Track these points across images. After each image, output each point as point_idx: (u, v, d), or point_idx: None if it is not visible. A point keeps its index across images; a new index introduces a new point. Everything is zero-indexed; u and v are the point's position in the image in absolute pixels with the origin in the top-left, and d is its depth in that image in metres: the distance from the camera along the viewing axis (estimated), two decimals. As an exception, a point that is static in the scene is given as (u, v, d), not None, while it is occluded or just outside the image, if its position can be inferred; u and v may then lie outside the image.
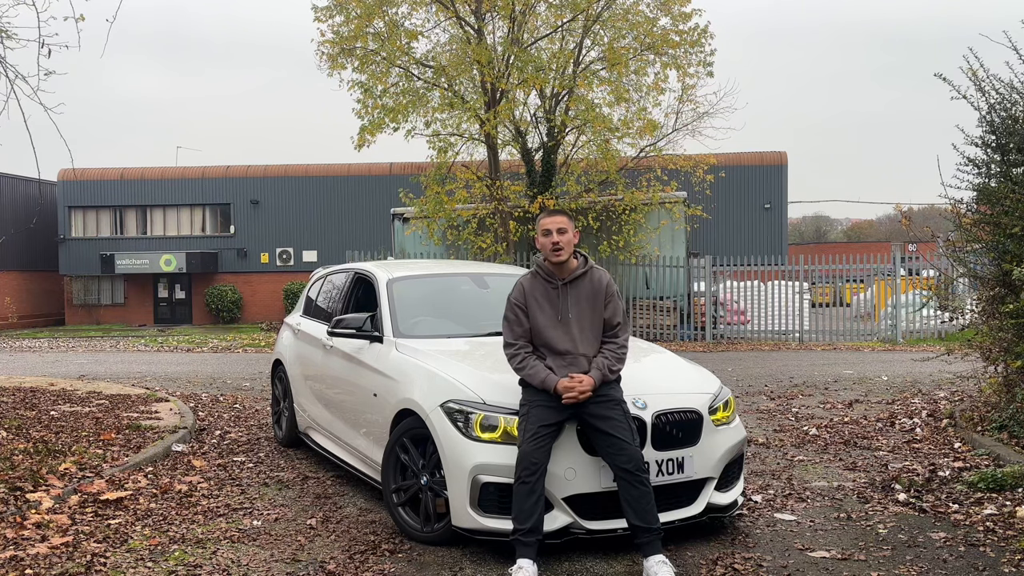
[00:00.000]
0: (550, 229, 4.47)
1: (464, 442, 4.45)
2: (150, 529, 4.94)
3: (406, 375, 5.07)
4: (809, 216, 74.51)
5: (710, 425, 4.75)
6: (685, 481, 4.60)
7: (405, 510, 4.87)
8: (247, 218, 35.53)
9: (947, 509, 5.19)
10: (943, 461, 6.43)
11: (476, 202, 20.03)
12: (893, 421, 8.15)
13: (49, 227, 35.92)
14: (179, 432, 7.47)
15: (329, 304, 6.98)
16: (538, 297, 4.52)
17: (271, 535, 4.89)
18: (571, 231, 4.50)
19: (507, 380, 4.62)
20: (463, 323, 5.85)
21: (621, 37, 18.75)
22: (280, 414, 7.52)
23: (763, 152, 34.05)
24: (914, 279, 20.04)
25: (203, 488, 5.87)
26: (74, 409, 8.73)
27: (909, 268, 20.69)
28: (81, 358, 17.34)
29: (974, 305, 7.83)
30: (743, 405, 9.34)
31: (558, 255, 4.47)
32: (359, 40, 18.16)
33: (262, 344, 20.55)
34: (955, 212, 7.32)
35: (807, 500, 5.51)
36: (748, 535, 4.80)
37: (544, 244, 4.50)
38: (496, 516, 4.41)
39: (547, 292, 4.52)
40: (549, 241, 4.47)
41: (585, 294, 4.52)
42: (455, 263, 10.34)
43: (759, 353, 16.35)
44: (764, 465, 6.50)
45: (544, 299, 4.51)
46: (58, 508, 5.18)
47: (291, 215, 35.18)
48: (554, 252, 4.47)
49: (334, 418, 6.19)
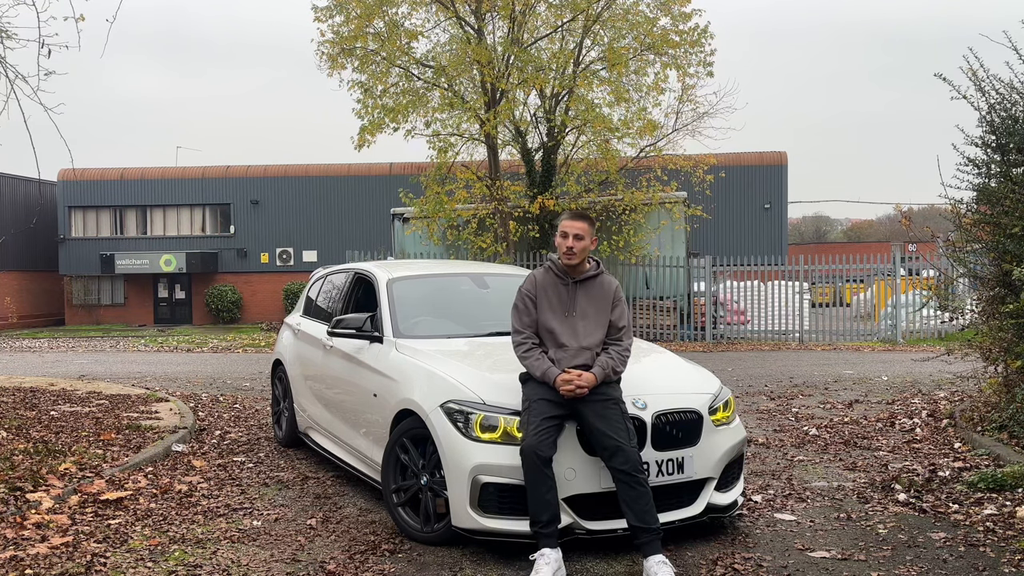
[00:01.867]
0: (568, 233, 4.59)
1: (464, 442, 4.45)
2: (150, 529, 4.94)
3: (406, 375, 5.07)
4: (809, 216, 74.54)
5: (710, 425, 4.75)
6: (685, 481, 4.60)
7: (405, 510, 4.87)
8: (247, 218, 35.53)
9: (947, 509, 5.18)
10: (943, 461, 6.43)
11: (476, 202, 20.03)
12: (893, 421, 8.15)
13: (49, 227, 35.92)
14: (179, 432, 7.47)
15: (329, 304, 6.98)
16: (548, 291, 4.64)
17: (271, 535, 4.89)
18: (588, 239, 4.60)
19: (507, 380, 4.62)
20: (463, 323, 5.85)
21: (621, 37, 18.76)
22: (280, 414, 7.52)
23: (763, 152, 34.06)
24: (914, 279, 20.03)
25: (203, 488, 5.87)
26: (74, 409, 8.72)
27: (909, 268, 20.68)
28: (81, 358, 17.34)
29: (974, 305, 7.83)
30: (743, 405, 9.34)
31: (570, 259, 4.60)
32: (359, 40, 18.16)
33: (262, 344, 20.55)
34: (955, 212, 7.32)
35: (807, 500, 5.51)
36: (748, 535, 4.80)
37: (560, 244, 4.63)
38: (496, 516, 4.41)
39: (557, 287, 4.64)
40: (565, 244, 4.59)
41: (594, 295, 4.64)
42: (455, 263, 10.33)
43: (759, 353, 16.34)
44: (764, 465, 6.50)
45: (554, 293, 4.63)
46: (58, 508, 5.18)
47: (291, 215, 35.18)
48: (567, 255, 4.60)
49: (334, 418, 6.19)
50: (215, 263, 35.48)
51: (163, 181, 35.77)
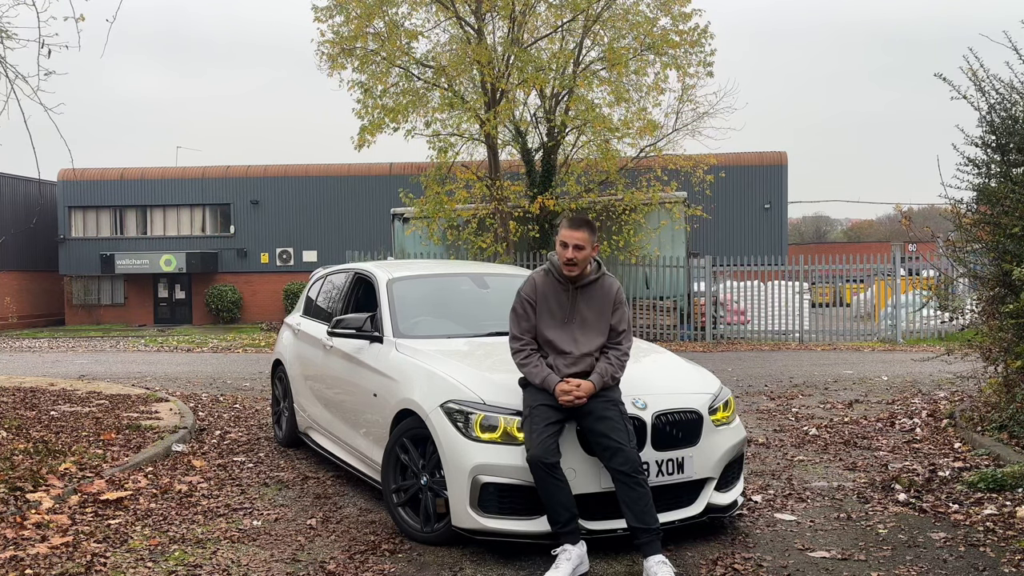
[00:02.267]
0: (567, 243, 4.50)
1: (464, 442, 4.45)
2: (150, 529, 4.94)
3: (406, 375, 5.07)
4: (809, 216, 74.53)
5: (710, 425, 4.75)
6: (685, 481, 4.60)
7: (405, 510, 4.87)
8: (247, 218, 35.54)
9: (947, 509, 5.18)
10: (943, 461, 6.43)
11: (476, 202, 20.03)
12: (893, 421, 8.15)
13: (49, 227, 35.93)
14: (179, 432, 7.47)
15: (329, 304, 6.98)
16: (548, 296, 4.58)
17: (271, 535, 4.89)
18: (589, 248, 4.51)
19: (507, 380, 4.62)
20: (463, 323, 5.85)
21: (621, 37, 18.76)
22: (280, 414, 7.52)
23: (763, 152, 34.07)
24: (914, 279, 20.03)
25: (203, 488, 5.87)
26: (74, 409, 8.72)
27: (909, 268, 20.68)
28: (81, 358, 17.33)
29: (974, 305, 7.83)
30: (743, 405, 9.34)
31: (571, 271, 4.53)
32: (359, 40, 18.16)
33: (262, 344, 20.55)
34: (955, 212, 7.32)
35: (807, 500, 5.51)
36: (748, 535, 4.80)
37: (560, 254, 4.55)
38: (496, 516, 4.41)
39: (557, 293, 4.58)
40: (565, 255, 4.51)
41: (594, 299, 4.58)
42: (455, 263, 10.34)
43: (759, 353, 16.34)
44: (764, 465, 6.50)
45: (553, 299, 4.57)
46: (58, 508, 5.18)
47: (291, 215, 35.19)
48: (566, 267, 4.53)
49: (334, 418, 6.19)
50: (215, 263, 35.49)
51: (163, 181, 35.78)
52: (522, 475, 4.32)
